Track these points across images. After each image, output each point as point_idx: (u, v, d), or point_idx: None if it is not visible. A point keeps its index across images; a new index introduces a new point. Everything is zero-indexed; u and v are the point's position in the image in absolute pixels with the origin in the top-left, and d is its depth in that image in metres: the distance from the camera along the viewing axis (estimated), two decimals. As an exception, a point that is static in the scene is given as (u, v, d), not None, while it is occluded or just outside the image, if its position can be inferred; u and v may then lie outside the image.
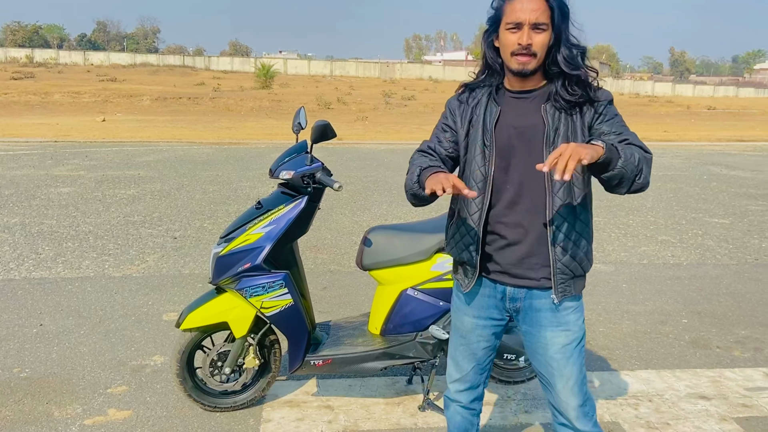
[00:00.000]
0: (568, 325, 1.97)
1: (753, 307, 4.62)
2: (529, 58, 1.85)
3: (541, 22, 1.82)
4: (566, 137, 1.88)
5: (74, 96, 27.53)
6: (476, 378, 2.21)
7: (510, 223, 1.95)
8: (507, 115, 1.96)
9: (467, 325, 2.13)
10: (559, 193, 1.88)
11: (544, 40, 1.84)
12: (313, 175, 2.79)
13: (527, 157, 1.91)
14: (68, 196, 7.99)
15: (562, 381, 2.01)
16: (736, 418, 3.04)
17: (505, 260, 1.99)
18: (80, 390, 3.21)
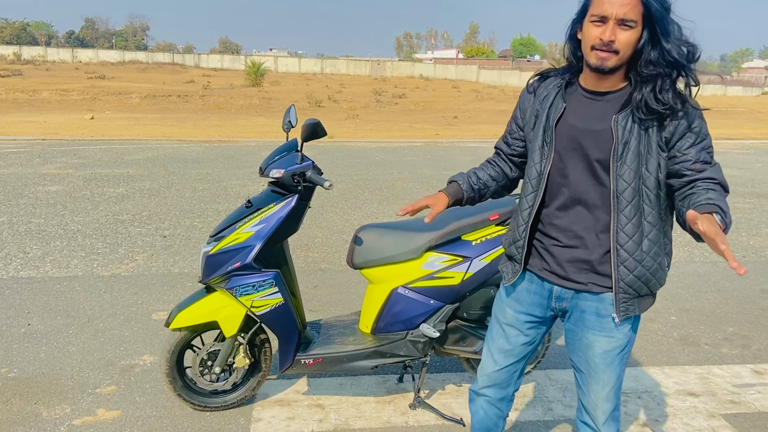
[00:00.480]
0: (613, 332, 1.92)
1: (741, 304, 4.65)
2: (609, 55, 1.73)
3: (629, 18, 1.69)
4: (637, 153, 1.77)
5: (62, 93, 27.30)
6: (508, 376, 2.16)
7: (561, 227, 1.93)
8: (572, 113, 1.88)
9: (509, 317, 2.10)
10: (625, 211, 1.81)
11: (630, 38, 1.71)
12: (304, 173, 2.78)
13: (589, 163, 1.84)
14: (56, 195, 7.93)
15: (598, 385, 1.99)
16: (725, 415, 3.06)
17: (553, 260, 1.96)
18: (69, 390, 3.19)
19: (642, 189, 1.79)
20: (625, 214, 1.80)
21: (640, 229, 1.81)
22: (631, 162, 1.77)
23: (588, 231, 1.88)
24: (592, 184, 1.85)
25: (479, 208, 3.00)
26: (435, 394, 3.23)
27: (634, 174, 1.78)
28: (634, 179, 1.78)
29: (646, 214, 1.81)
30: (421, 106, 29.12)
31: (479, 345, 3.00)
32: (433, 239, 2.90)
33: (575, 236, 1.90)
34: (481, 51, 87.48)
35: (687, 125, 1.75)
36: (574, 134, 1.86)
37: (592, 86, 1.85)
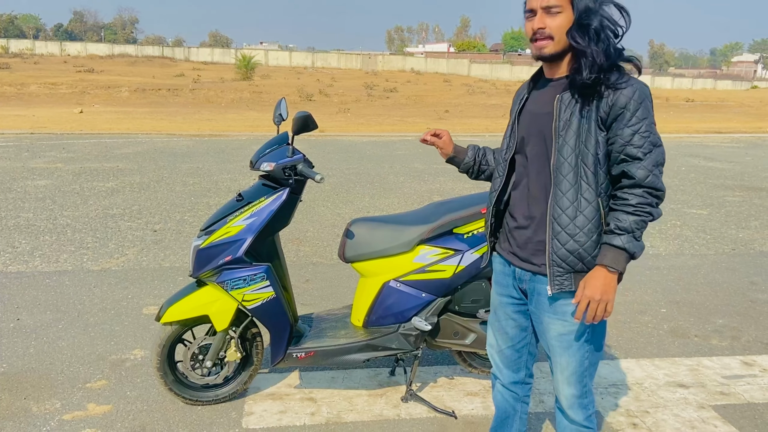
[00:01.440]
0: (565, 316, 1.96)
1: (730, 297, 4.69)
2: (545, 42, 1.83)
3: (553, 4, 1.79)
4: (577, 130, 1.83)
5: (51, 87, 27.06)
6: (514, 359, 2.23)
7: (520, 208, 2.03)
8: (532, 101, 2.01)
9: (495, 301, 2.22)
10: (561, 185, 1.87)
11: (560, 22, 1.80)
12: (295, 166, 2.77)
13: (538, 144, 1.94)
14: (45, 189, 7.86)
15: (558, 368, 2.04)
16: (714, 406, 3.08)
17: (514, 242, 2.06)
18: (59, 385, 3.17)
19: (580, 165, 1.85)
20: (560, 188, 1.87)
21: (574, 204, 1.86)
22: (569, 138, 1.85)
23: (538, 211, 1.97)
24: (540, 166, 1.94)
25: (471, 201, 3.00)
26: (427, 387, 3.24)
27: (571, 150, 1.85)
28: (570, 155, 1.85)
29: (583, 190, 1.86)
30: (412, 100, 29.10)
31: (471, 338, 3.01)
32: (424, 232, 2.90)
33: (530, 217, 1.99)
34: (472, 45, 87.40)
35: (622, 105, 1.79)
36: (531, 119, 1.98)
37: (548, 74, 1.97)
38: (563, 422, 2.12)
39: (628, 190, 1.82)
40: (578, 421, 2.07)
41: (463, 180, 9.18)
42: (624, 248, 1.80)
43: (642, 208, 1.80)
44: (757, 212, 7.65)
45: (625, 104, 1.78)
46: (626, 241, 1.80)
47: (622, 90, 1.78)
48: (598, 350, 2.04)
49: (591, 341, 1.99)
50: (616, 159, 1.83)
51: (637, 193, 1.80)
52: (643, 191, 1.80)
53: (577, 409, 2.06)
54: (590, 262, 1.89)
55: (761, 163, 11.99)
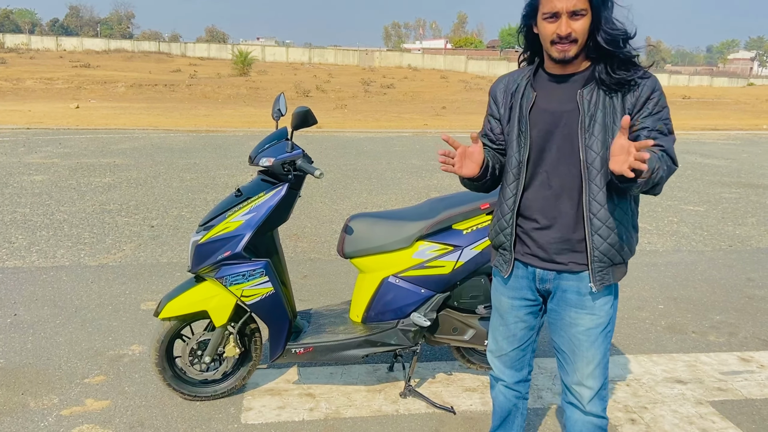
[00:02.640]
0: (594, 310, 1.98)
1: (727, 293, 4.70)
2: (569, 45, 1.83)
3: (579, 8, 1.79)
4: (603, 124, 1.85)
5: (47, 82, 26.94)
6: (519, 359, 2.24)
7: (541, 208, 1.99)
8: (543, 99, 1.96)
9: (504, 305, 2.17)
10: (596, 180, 1.87)
11: (584, 25, 1.81)
12: (294, 162, 2.76)
13: (562, 141, 1.92)
14: (42, 184, 7.84)
15: (583, 362, 2.03)
16: (712, 402, 3.09)
17: (535, 243, 2.02)
18: (56, 380, 3.16)
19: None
20: (596, 183, 1.87)
21: (612, 198, 1.88)
22: (598, 133, 1.85)
23: (564, 210, 1.95)
24: (566, 163, 1.92)
25: (470, 197, 3.00)
26: (425, 382, 3.24)
27: (601, 144, 1.85)
28: (601, 149, 1.85)
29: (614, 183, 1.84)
30: (409, 96, 29.06)
31: (470, 334, 3.01)
32: (423, 228, 2.89)
33: (553, 216, 1.96)
34: (469, 41, 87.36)
35: (646, 97, 1.84)
36: (547, 118, 1.93)
37: (558, 71, 1.94)
38: (576, 416, 2.09)
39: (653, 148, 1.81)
40: (596, 413, 2.07)
41: (461, 176, 9.17)
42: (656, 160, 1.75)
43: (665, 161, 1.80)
44: (754, 209, 7.67)
45: (648, 95, 1.84)
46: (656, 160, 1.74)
47: (645, 82, 1.84)
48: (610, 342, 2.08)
49: (611, 333, 2.03)
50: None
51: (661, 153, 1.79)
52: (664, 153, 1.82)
53: (596, 401, 2.06)
54: (626, 253, 1.94)
55: (757, 160, 12.02)
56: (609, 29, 1.82)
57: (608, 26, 1.82)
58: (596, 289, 1.93)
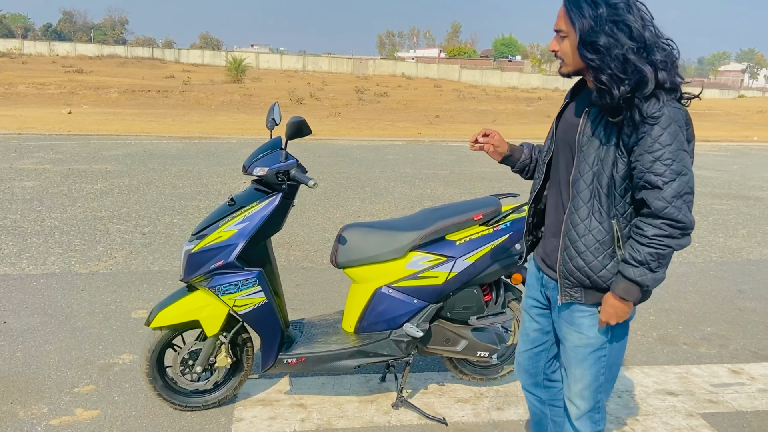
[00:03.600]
0: (581, 328, 1.97)
1: (718, 305, 4.72)
2: (561, 62, 1.90)
3: (560, 29, 1.83)
4: (597, 151, 1.82)
5: (39, 87, 26.84)
6: (531, 362, 2.28)
7: (549, 215, 2.07)
8: (569, 109, 2.01)
9: (525, 302, 2.27)
10: (575, 201, 1.88)
11: (566, 46, 1.83)
12: (288, 171, 2.76)
13: (567, 153, 1.95)
14: (33, 190, 7.79)
15: (572, 379, 2.05)
16: (703, 414, 3.10)
17: (542, 248, 2.12)
18: (46, 389, 3.13)
19: (595, 184, 1.83)
20: (575, 203, 1.88)
21: (585, 222, 1.86)
22: (588, 155, 1.84)
23: (561, 219, 1.99)
24: (566, 175, 1.96)
25: (463, 208, 3.00)
26: (417, 393, 3.23)
27: (588, 168, 1.84)
28: (587, 172, 1.84)
29: (595, 209, 1.84)
30: (403, 104, 29.14)
31: (462, 344, 3.01)
32: (417, 239, 2.90)
33: (554, 225, 2.03)
34: (463, 50, 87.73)
35: (644, 130, 1.72)
36: (565, 127, 1.99)
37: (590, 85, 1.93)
38: (567, 427, 2.14)
39: (645, 219, 1.76)
40: None
41: (454, 185, 9.20)
42: (635, 281, 1.78)
43: (658, 240, 1.73)
44: (745, 221, 7.73)
45: (647, 129, 1.71)
46: (638, 274, 1.77)
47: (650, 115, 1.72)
48: (615, 368, 2.02)
49: (608, 357, 1.98)
50: (636, 185, 1.77)
51: (655, 224, 1.73)
52: (661, 222, 1.73)
53: (585, 422, 2.07)
54: (596, 281, 1.88)
55: (748, 172, 12.11)
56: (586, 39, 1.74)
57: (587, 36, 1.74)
58: (561, 301, 1.96)
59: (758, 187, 10.37)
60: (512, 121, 24.35)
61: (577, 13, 1.75)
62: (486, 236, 2.94)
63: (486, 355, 3.05)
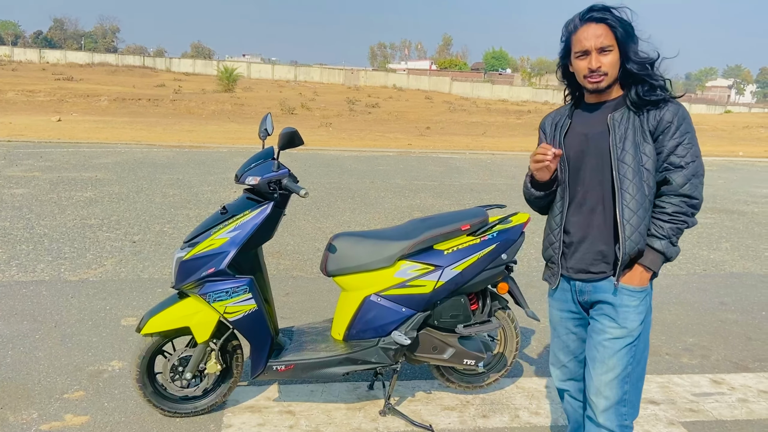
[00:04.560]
0: (625, 322, 2.13)
1: (701, 316, 4.81)
2: (600, 77, 2.07)
3: (605, 45, 2.05)
4: (634, 141, 2.07)
5: (29, 94, 26.74)
6: (578, 370, 2.39)
7: (576, 222, 2.20)
8: (579, 124, 2.21)
9: (555, 318, 2.39)
10: (629, 189, 2.06)
11: (612, 59, 2.06)
12: (280, 181, 2.81)
13: (594, 160, 2.14)
14: (22, 198, 7.78)
15: (603, 368, 2.16)
16: (684, 423, 3.17)
17: (572, 256, 2.23)
18: (36, 395, 3.15)
19: (641, 170, 2.06)
20: (629, 191, 2.06)
21: (644, 206, 2.07)
22: (629, 148, 2.07)
23: (597, 223, 2.15)
24: (598, 180, 2.13)
25: (451, 218, 3.07)
26: (405, 401, 3.28)
27: (632, 158, 2.06)
28: (633, 162, 2.06)
29: (647, 192, 2.07)
30: (394, 115, 29.29)
31: (449, 352, 3.06)
32: (405, 248, 2.95)
33: (587, 229, 2.17)
34: (454, 63, 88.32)
35: (668, 120, 2.06)
36: (581, 140, 2.17)
37: (594, 100, 2.20)
38: (589, 428, 2.23)
39: (666, 198, 2.08)
40: (609, 427, 2.17)
41: (444, 196, 9.27)
42: (663, 252, 2.07)
43: (677, 216, 2.06)
44: (728, 234, 7.85)
45: (671, 119, 2.05)
46: (665, 246, 2.07)
47: (668, 107, 2.06)
48: (643, 363, 2.21)
49: (638, 350, 2.17)
50: (659, 167, 2.08)
51: (674, 202, 2.06)
52: (680, 200, 2.05)
53: (611, 415, 2.17)
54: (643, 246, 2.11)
55: (733, 187, 12.29)
56: (637, 59, 2.06)
57: (636, 56, 2.06)
58: (617, 284, 2.11)
59: (742, 201, 10.53)
60: (502, 133, 24.54)
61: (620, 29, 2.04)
62: (473, 246, 3.00)
63: (472, 363, 3.10)
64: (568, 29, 2.13)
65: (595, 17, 2.06)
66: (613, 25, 2.04)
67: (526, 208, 2.57)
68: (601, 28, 2.05)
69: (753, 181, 13.52)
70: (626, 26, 2.06)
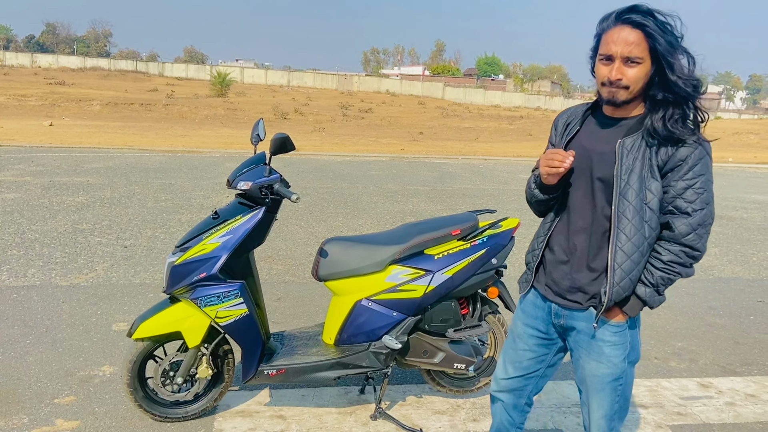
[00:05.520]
0: (601, 358, 1.98)
1: (689, 321, 4.85)
2: (617, 90, 1.82)
3: (635, 56, 1.77)
4: (640, 176, 1.82)
5: (20, 99, 26.64)
6: (519, 387, 2.23)
7: (561, 241, 2.02)
8: (584, 136, 1.98)
9: (518, 329, 2.20)
10: (625, 229, 1.85)
11: (638, 74, 1.79)
12: (271, 186, 2.83)
13: (587, 181, 1.93)
14: (13, 203, 7.75)
15: (591, 407, 2.06)
16: (671, 426, 3.20)
17: (551, 275, 2.06)
18: (26, 400, 3.14)
19: (644, 209, 1.84)
20: (625, 232, 1.84)
21: (640, 249, 1.86)
22: (633, 182, 1.83)
23: (581, 248, 1.97)
24: (589, 204, 1.94)
25: (443, 222, 3.09)
26: (396, 405, 3.29)
27: (635, 194, 1.83)
28: (635, 198, 1.84)
29: (647, 234, 1.85)
30: (387, 121, 29.36)
31: (440, 357, 3.08)
32: (396, 253, 2.97)
33: (570, 253, 2.00)
34: (446, 68, 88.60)
35: (681, 157, 1.80)
36: (582, 154, 1.93)
37: (609, 112, 1.94)
38: None
39: (665, 243, 1.85)
40: None
41: (436, 201, 9.31)
42: (645, 300, 1.89)
43: (672, 266, 1.84)
44: (717, 240, 7.91)
45: (685, 157, 1.79)
46: (648, 295, 1.88)
47: (688, 146, 1.80)
48: (628, 394, 2.07)
49: (624, 385, 2.02)
50: (663, 209, 1.85)
51: (673, 250, 1.83)
52: (679, 249, 1.83)
53: None
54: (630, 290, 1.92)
55: (722, 193, 12.38)
56: (682, 76, 1.77)
57: (679, 74, 1.77)
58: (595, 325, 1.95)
59: (732, 207, 10.62)
60: (495, 138, 24.64)
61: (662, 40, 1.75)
62: (463, 251, 3.03)
63: (463, 367, 3.12)
64: (602, 26, 1.84)
65: (633, 20, 1.75)
66: (651, 34, 1.74)
67: (516, 213, 2.61)
68: (635, 35, 1.75)
69: (742, 186, 13.63)
70: (670, 38, 1.75)
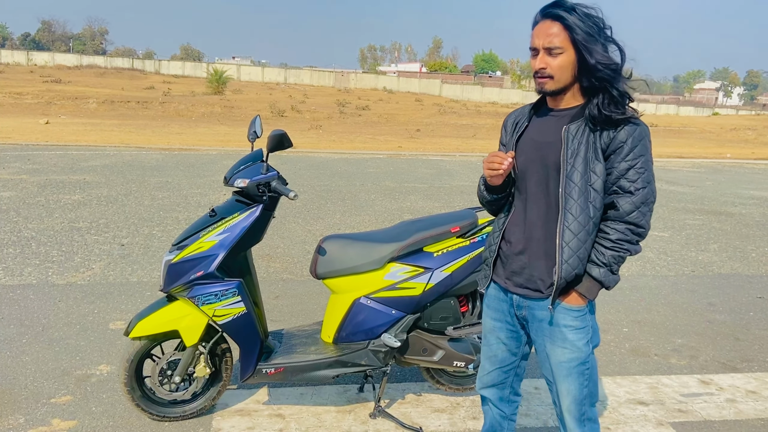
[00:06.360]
0: (565, 343, 2.02)
1: (689, 317, 4.84)
2: (545, 80, 1.93)
3: (554, 46, 1.87)
4: (585, 158, 1.91)
5: (16, 97, 26.54)
6: (500, 379, 2.30)
7: (517, 232, 2.08)
8: (534, 129, 2.06)
9: (487, 325, 2.26)
10: (572, 209, 1.93)
11: (561, 63, 1.89)
12: (269, 183, 2.80)
13: (541, 172, 2.00)
14: (9, 201, 7.71)
15: (560, 395, 2.09)
16: (672, 423, 3.18)
17: (510, 267, 2.11)
18: (23, 400, 3.12)
19: (589, 190, 1.92)
20: (571, 212, 1.93)
21: (586, 228, 1.94)
22: (578, 165, 1.92)
23: (537, 237, 2.03)
24: (543, 193, 2.01)
25: (441, 220, 3.07)
26: (395, 403, 3.27)
27: (580, 176, 1.92)
28: (580, 180, 1.92)
29: (592, 213, 1.93)
30: (384, 118, 29.32)
31: (439, 354, 3.06)
32: (395, 250, 2.95)
33: (526, 243, 2.05)
34: (444, 65, 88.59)
35: (621, 140, 1.90)
36: (532, 146, 2.03)
37: (552, 105, 2.04)
38: None
39: (611, 223, 1.93)
40: None
41: (434, 198, 9.28)
42: (600, 281, 1.96)
43: (620, 244, 1.92)
44: (716, 235, 7.91)
45: (625, 139, 1.89)
46: (603, 275, 1.95)
47: (627, 126, 1.89)
48: (596, 378, 2.10)
49: (590, 369, 2.05)
50: (608, 189, 1.93)
51: (619, 229, 1.92)
52: (625, 227, 1.92)
53: None
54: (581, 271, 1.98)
55: (720, 188, 12.39)
56: (597, 63, 1.86)
57: (597, 59, 1.86)
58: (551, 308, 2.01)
59: (730, 203, 10.62)
60: (492, 135, 24.61)
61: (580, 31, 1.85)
62: (463, 248, 3.01)
63: (462, 365, 3.10)
64: (532, 22, 1.96)
65: (552, 13, 1.88)
66: (569, 26, 1.85)
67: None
68: (555, 27, 1.87)
69: (740, 182, 13.63)
70: (588, 28, 1.86)
